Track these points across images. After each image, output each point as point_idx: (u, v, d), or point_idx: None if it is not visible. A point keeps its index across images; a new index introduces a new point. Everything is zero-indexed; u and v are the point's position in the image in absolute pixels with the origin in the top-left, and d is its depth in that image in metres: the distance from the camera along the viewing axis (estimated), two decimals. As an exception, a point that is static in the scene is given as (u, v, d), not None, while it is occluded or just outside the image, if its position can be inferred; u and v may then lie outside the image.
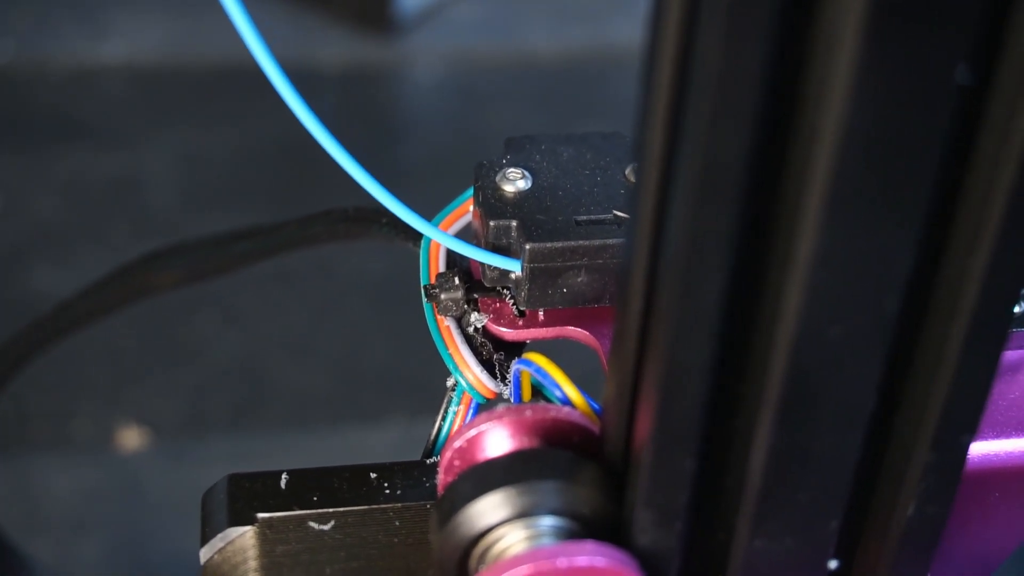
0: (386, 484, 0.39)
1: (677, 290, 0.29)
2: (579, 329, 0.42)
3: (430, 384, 1.05)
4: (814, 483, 0.32)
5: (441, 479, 0.36)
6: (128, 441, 1.02)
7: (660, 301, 0.29)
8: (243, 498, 0.38)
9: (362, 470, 0.39)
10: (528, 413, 0.35)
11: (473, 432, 0.36)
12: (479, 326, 0.42)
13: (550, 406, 0.36)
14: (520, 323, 0.42)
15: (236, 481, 0.39)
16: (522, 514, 0.33)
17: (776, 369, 0.30)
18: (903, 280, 0.29)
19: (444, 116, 1.35)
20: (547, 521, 0.34)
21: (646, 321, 0.31)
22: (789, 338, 0.29)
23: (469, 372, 0.41)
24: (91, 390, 1.06)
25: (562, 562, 0.32)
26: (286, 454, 1.01)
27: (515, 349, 0.43)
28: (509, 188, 0.41)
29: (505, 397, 0.42)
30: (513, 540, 0.33)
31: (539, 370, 0.37)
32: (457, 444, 0.36)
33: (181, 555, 0.91)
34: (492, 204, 0.41)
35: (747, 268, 0.29)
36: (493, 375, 0.41)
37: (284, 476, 0.39)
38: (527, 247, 0.40)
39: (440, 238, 0.40)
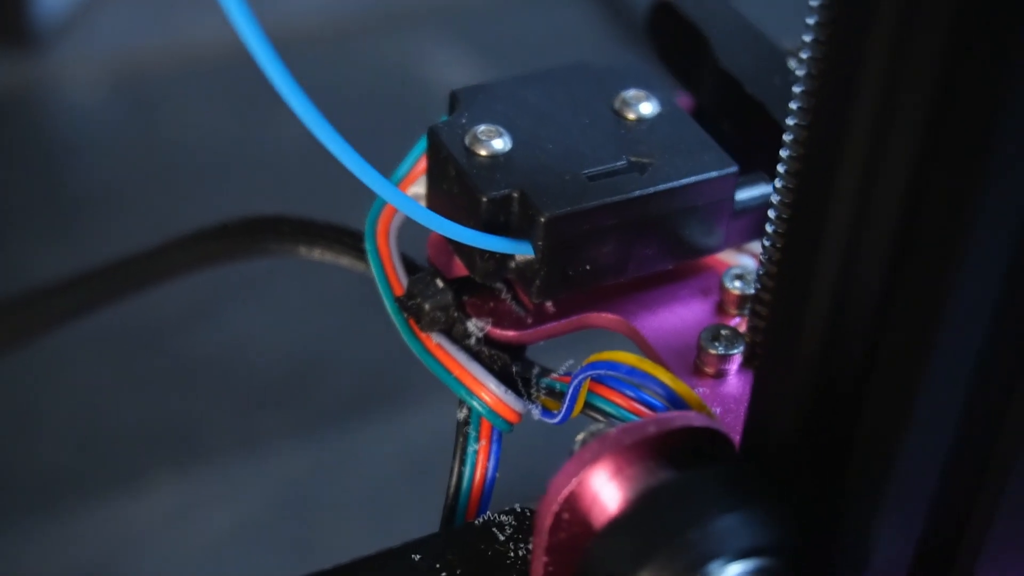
0: (438, 565, 0.29)
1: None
2: (603, 314, 0.33)
3: (189, 432, 0.92)
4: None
5: (543, 543, 0.27)
6: None
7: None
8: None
9: (398, 554, 0.29)
10: (651, 429, 0.26)
11: (585, 473, 0.26)
12: (480, 335, 0.33)
13: (673, 415, 0.27)
14: (528, 320, 0.33)
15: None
16: (710, 571, 0.24)
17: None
18: None
19: (116, 133, 1.20)
20: (741, 567, 0.25)
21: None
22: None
23: (487, 394, 0.32)
24: None
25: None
26: (48, 548, 0.86)
27: (516, 355, 0.34)
28: (485, 151, 0.32)
29: (536, 417, 0.32)
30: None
31: (629, 370, 0.28)
32: (564, 492, 0.26)
33: None
34: (475, 175, 0.31)
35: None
36: (517, 392, 0.32)
37: (303, 589, 0.28)
38: (542, 219, 0.31)
39: (439, 226, 0.30)
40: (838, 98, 0.22)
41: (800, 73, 0.28)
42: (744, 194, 0.33)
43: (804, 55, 0.27)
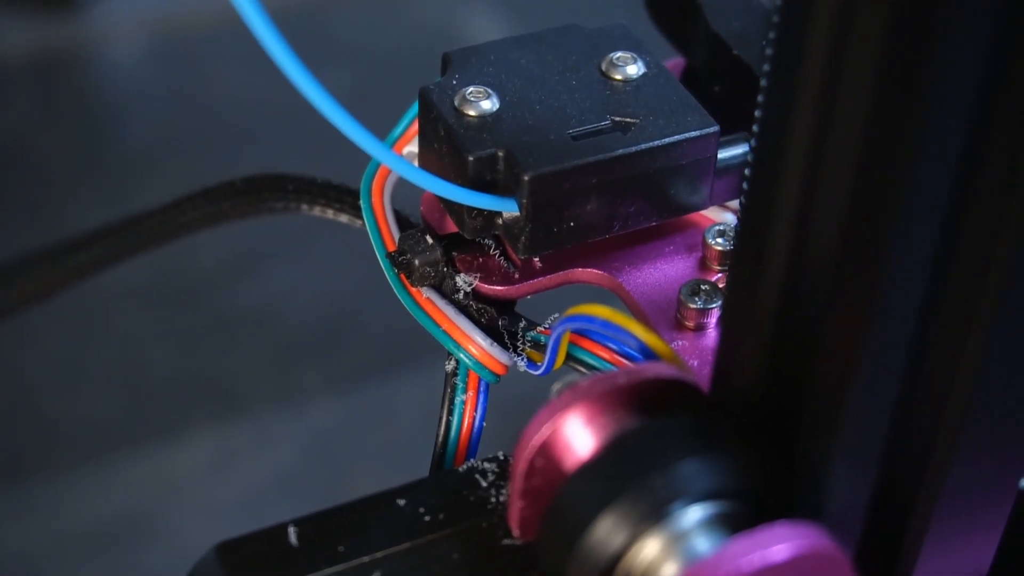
0: (422, 509, 0.30)
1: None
2: (589, 269, 0.34)
3: (227, 385, 0.95)
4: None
5: (517, 488, 0.28)
6: None
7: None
8: (248, 569, 0.29)
9: (383, 499, 0.31)
10: (622, 380, 0.28)
11: (557, 421, 0.27)
12: (468, 290, 0.34)
13: (645, 366, 0.28)
14: (516, 276, 0.34)
15: (229, 551, 0.29)
16: (672, 511, 0.26)
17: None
18: None
19: (162, 92, 1.22)
20: (702, 510, 0.26)
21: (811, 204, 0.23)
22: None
23: (474, 346, 0.33)
24: None
25: (753, 561, 0.24)
26: (90, 496, 0.89)
27: (505, 310, 0.35)
28: (473, 112, 0.33)
29: (521, 369, 0.34)
30: (677, 544, 0.25)
31: (603, 323, 0.29)
32: (537, 440, 0.28)
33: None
34: (462, 134, 0.33)
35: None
36: (503, 345, 0.33)
37: (292, 529, 0.30)
38: (526, 177, 0.32)
39: (428, 184, 0.32)
40: (791, 58, 0.23)
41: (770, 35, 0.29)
42: (727, 153, 0.34)
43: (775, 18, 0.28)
